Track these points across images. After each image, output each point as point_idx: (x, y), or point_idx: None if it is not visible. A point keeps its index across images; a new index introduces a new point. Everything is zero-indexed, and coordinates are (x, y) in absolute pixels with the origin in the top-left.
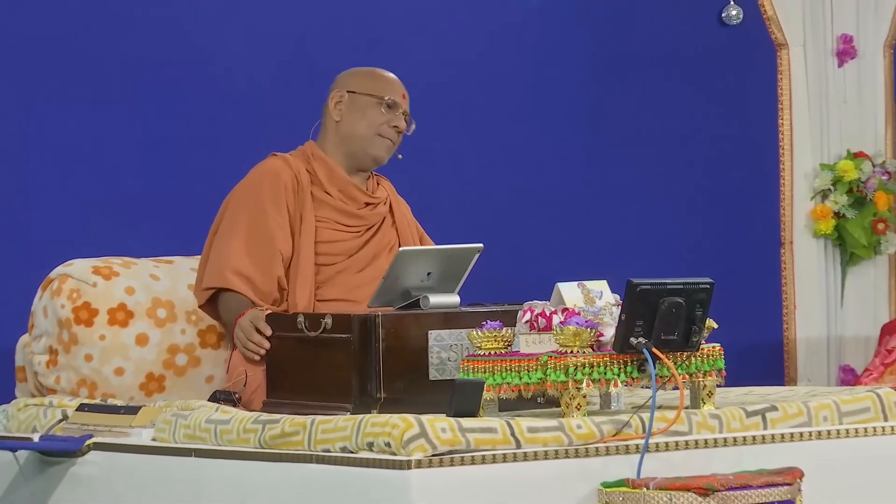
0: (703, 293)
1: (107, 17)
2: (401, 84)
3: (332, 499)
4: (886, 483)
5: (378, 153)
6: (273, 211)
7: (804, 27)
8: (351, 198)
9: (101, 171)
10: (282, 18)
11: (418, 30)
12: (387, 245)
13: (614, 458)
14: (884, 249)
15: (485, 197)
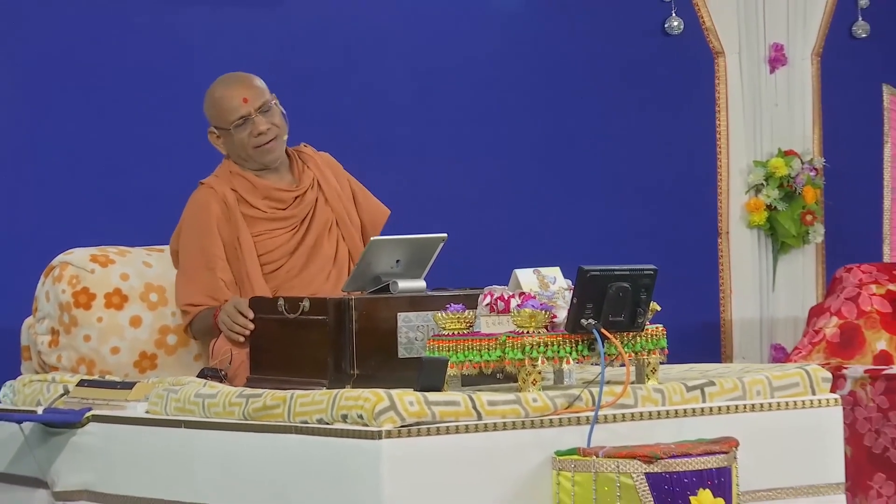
0: (648, 279)
1: (110, 30)
2: (238, 91)
3: (309, 466)
4: (814, 451)
5: (266, 158)
6: (208, 244)
7: (739, 37)
8: (278, 201)
9: (98, 169)
10: (264, 30)
11: (391, 36)
12: (325, 225)
13: (567, 429)
14: (811, 239)
15: (449, 191)
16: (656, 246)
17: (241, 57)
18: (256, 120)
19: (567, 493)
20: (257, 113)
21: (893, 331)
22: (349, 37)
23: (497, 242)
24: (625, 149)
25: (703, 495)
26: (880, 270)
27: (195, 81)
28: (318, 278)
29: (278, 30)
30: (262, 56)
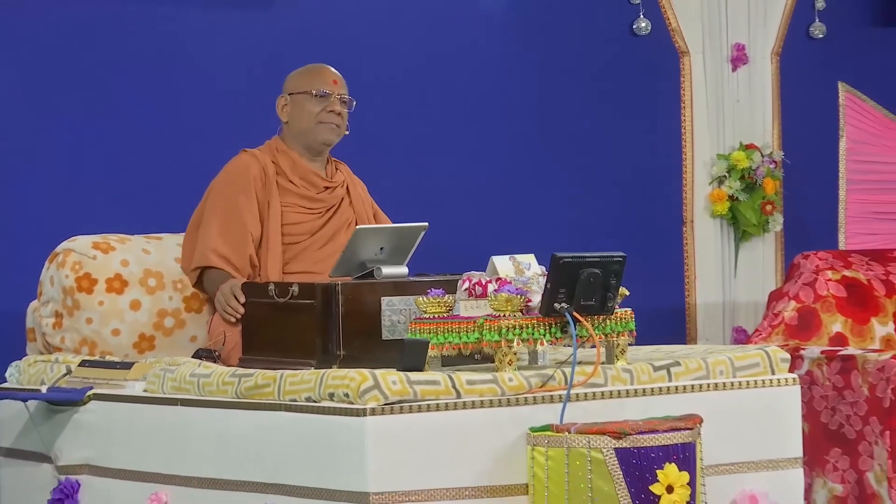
0: (617, 265)
1: (111, 28)
2: (331, 72)
3: (298, 441)
4: (773, 427)
5: (325, 137)
6: (244, 200)
7: (703, 37)
8: (311, 184)
9: (100, 162)
10: (256, 31)
11: (374, 38)
12: (345, 223)
13: (541, 407)
14: (771, 228)
15: (430, 183)
16: (625, 234)
17: (235, 56)
18: (335, 101)
19: (541, 467)
20: (338, 97)
21: (848, 314)
22: (335, 38)
23: (475, 231)
24: (595, 143)
25: (669, 469)
26: (836, 257)
27: (192, 80)
28: (327, 263)
29: (269, 30)
30: (255, 55)
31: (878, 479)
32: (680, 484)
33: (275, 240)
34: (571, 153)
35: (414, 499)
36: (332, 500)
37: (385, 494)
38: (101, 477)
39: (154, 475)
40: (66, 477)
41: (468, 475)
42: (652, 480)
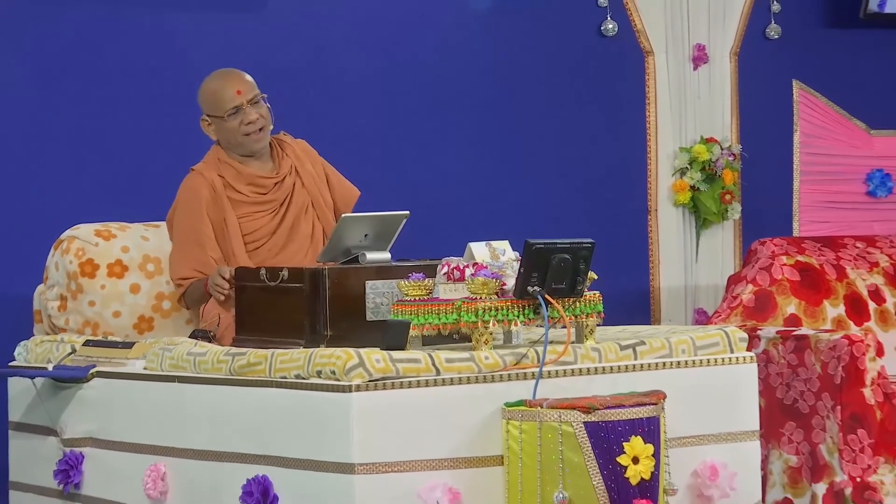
0: (586, 251)
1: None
2: (232, 84)
3: (288, 416)
4: (732, 403)
5: (254, 146)
6: (199, 225)
7: (666, 38)
8: (260, 186)
9: (101, 155)
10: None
11: (357, 38)
12: (302, 208)
13: (515, 384)
14: (730, 216)
15: (411, 173)
16: (593, 222)
17: (226, 55)
18: (247, 110)
19: (515, 439)
20: (248, 104)
21: (802, 297)
22: (321, 38)
23: (453, 219)
24: (566, 136)
25: (635, 441)
26: (790, 243)
27: (186, 78)
28: (298, 255)
29: (258, 31)
30: (244, 54)
31: (830, 450)
32: (645, 455)
33: (240, 251)
34: (544, 146)
35: (396, 469)
36: (320, 470)
37: (369, 465)
38: (103, 449)
39: (153, 447)
40: (70, 449)
41: (447, 447)
42: (619, 452)
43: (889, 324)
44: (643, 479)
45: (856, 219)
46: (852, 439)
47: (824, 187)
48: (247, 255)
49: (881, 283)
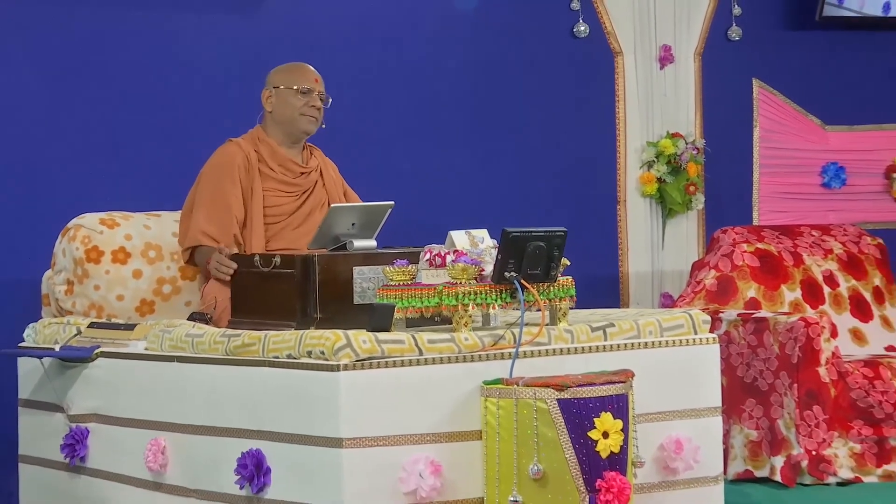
0: (560, 239)
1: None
2: (313, 72)
3: (280, 394)
4: (695, 381)
5: (306, 127)
6: (229, 186)
7: (634, 39)
8: (289, 170)
9: (106, 149)
10: (242, 32)
11: (344, 39)
12: (319, 203)
13: (493, 363)
14: (694, 206)
15: (396, 166)
16: (566, 211)
17: (224, 55)
18: (315, 97)
19: (493, 415)
20: (318, 94)
21: (761, 281)
22: (311, 39)
23: (435, 208)
24: (542, 131)
25: (605, 417)
26: (750, 232)
27: (187, 77)
28: (304, 240)
29: (254, 32)
30: (241, 53)
31: (788, 425)
32: (614, 430)
33: (258, 220)
34: (520, 141)
35: (381, 443)
36: (310, 444)
37: (356, 439)
38: (107, 425)
39: (154, 423)
40: (76, 425)
41: (429, 423)
42: (590, 427)
43: (842, 307)
44: (612, 452)
45: (811, 209)
46: (808, 415)
47: (782, 179)
48: (263, 225)
49: (835, 269)
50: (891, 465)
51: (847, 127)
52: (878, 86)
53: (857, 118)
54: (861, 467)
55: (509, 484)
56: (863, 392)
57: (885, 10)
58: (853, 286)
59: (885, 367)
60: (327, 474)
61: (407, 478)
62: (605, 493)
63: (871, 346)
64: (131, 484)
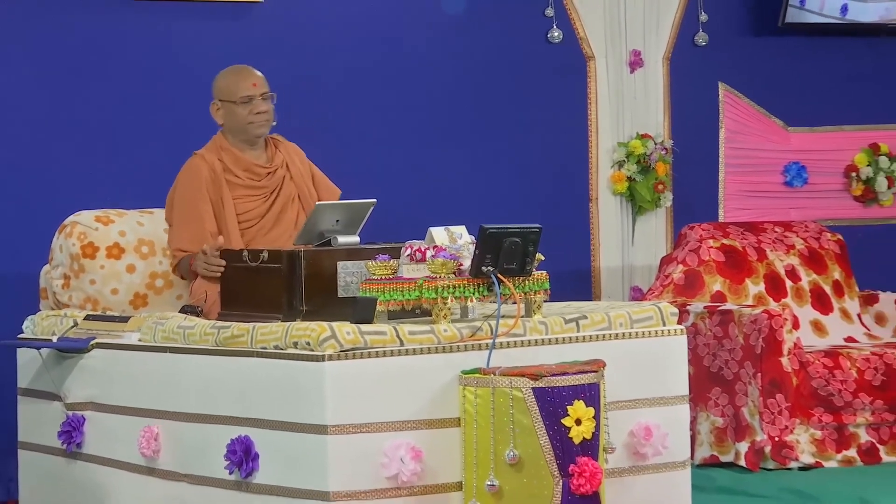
0: (534, 235)
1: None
2: (250, 77)
3: (268, 383)
4: (664, 370)
5: (256, 132)
6: (199, 202)
7: (606, 45)
8: (254, 173)
9: (101, 149)
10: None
11: (328, 42)
12: (289, 198)
13: (471, 353)
14: (662, 203)
15: (378, 166)
16: (541, 209)
17: (217, 59)
18: (258, 102)
19: (471, 403)
20: (260, 97)
21: (726, 276)
22: (297, 42)
23: (416, 206)
24: (518, 132)
25: (578, 405)
26: (716, 228)
27: (180, 80)
28: (282, 238)
29: (244, 37)
30: (234, 57)
31: (752, 412)
32: (587, 417)
33: (233, 227)
34: (498, 141)
35: (365, 430)
36: (296, 431)
37: (340, 426)
38: (102, 413)
39: (147, 411)
40: (73, 413)
41: (410, 410)
42: (563, 414)
43: (804, 300)
44: (585, 438)
45: (774, 206)
46: (771, 403)
47: (746, 178)
48: (239, 232)
49: (797, 264)
50: (850, 451)
51: (808, 128)
52: (837, 89)
53: (817, 120)
54: (821, 453)
55: (486, 469)
56: (823, 381)
57: (842, 11)
58: (814, 280)
59: (845, 357)
60: (313, 460)
61: (389, 463)
62: (578, 478)
63: (831, 337)
64: (125, 469)
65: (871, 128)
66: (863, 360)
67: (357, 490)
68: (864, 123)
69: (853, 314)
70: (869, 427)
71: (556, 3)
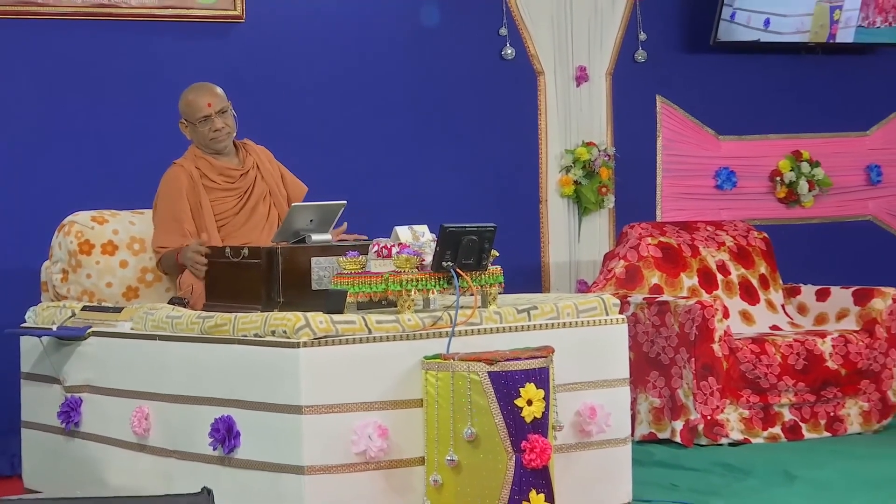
0: (490, 233)
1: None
2: (205, 97)
3: (248, 368)
4: (607, 356)
5: (219, 146)
6: (178, 205)
7: (554, 61)
8: (228, 176)
9: (96, 155)
10: (214, 53)
11: (302, 56)
12: (261, 196)
13: (432, 341)
14: (605, 205)
15: (347, 170)
16: (496, 209)
17: (198, 72)
18: (215, 119)
19: (432, 386)
20: (216, 115)
21: (663, 270)
22: (274, 57)
23: (382, 207)
24: (475, 140)
25: (529, 387)
26: (654, 227)
27: (166, 91)
28: (255, 231)
29: (225, 54)
30: (213, 71)
31: (686, 394)
32: (537, 399)
33: (211, 226)
34: (457, 148)
35: (336, 410)
36: (274, 411)
37: (314, 406)
38: (98, 395)
39: (138, 393)
40: (71, 394)
41: (377, 392)
42: (516, 396)
43: (733, 292)
44: (536, 417)
45: (706, 207)
46: (704, 385)
47: (681, 182)
48: (217, 229)
49: (727, 259)
50: (775, 429)
51: (737, 137)
52: (763, 101)
53: (746, 129)
54: (749, 430)
55: (446, 445)
56: (751, 365)
57: (765, 24)
58: (742, 274)
59: (770, 344)
60: (289, 437)
61: (358, 440)
62: (529, 453)
63: (758, 325)
64: (119, 446)
65: (793, 136)
66: (786, 347)
67: (329, 464)
68: (787, 132)
69: (778, 305)
70: (792, 407)
71: (509, 23)
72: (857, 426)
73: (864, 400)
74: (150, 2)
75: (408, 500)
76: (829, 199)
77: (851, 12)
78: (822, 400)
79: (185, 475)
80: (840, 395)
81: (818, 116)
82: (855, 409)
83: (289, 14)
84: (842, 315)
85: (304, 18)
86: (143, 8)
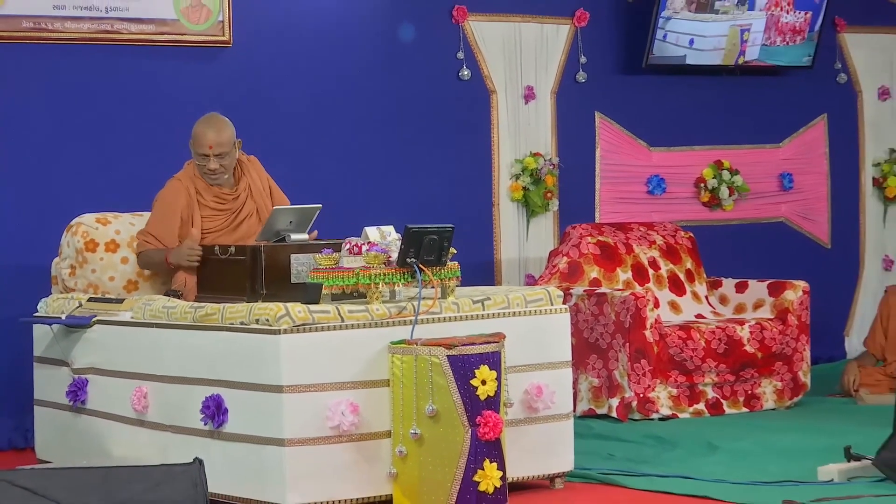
0: (448, 233)
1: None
2: (207, 138)
3: (235, 352)
4: (552, 341)
5: (211, 183)
6: (174, 209)
7: (505, 81)
8: (221, 199)
9: (100, 164)
10: (205, 74)
11: (281, 76)
12: (249, 213)
13: (398, 328)
14: (550, 208)
15: (323, 176)
16: (454, 212)
17: (191, 91)
18: (211, 160)
19: (398, 368)
20: (214, 157)
21: (601, 265)
22: (259, 77)
23: (353, 210)
24: (435, 151)
25: (483, 369)
26: (593, 228)
27: (163, 109)
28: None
29: (216, 74)
30: (205, 90)
31: (622, 374)
32: (490, 379)
33: (197, 236)
34: (419, 158)
35: (313, 389)
36: (258, 390)
37: (293, 386)
38: (102, 376)
39: (138, 374)
40: (78, 376)
41: (349, 373)
42: (472, 377)
43: (663, 285)
44: (489, 395)
45: (639, 210)
46: (637, 367)
47: (617, 187)
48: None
49: (657, 256)
50: (699, 405)
51: (666, 148)
52: (689, 117)
53: (674, 141)
54: (677, 406)
55: (410, 420)
56: (678, 349)
57: (690, 43)
58: (671, 269)
59: (695, 330)
60: (272, 413)
61: (332, 416)
62: (483, 427)
63: (685, 314)
64: (121, 422)
65: (716, 148)
66: (710, 333)
67: (307, 437)
68: (710, 144)
69: (702, 296)
70: (714, 386)
71: (465, 47)
72: (772, 403)
73: (778, 380)
74: (147, 29)
75: (376, 468)
76: (747, 203)
77: (757, 33)
78: (740, 380)
79: (179, 447)
80: (756, 375)
81: (737, 130)
82: (770, 387)
83: (271, 40)
84: (758, 305)
85: (285, 44)
86: (141, 34)
